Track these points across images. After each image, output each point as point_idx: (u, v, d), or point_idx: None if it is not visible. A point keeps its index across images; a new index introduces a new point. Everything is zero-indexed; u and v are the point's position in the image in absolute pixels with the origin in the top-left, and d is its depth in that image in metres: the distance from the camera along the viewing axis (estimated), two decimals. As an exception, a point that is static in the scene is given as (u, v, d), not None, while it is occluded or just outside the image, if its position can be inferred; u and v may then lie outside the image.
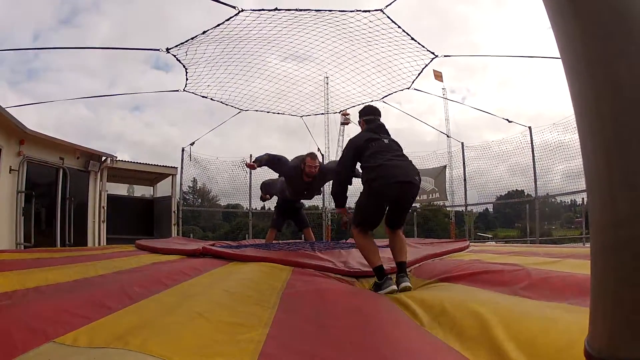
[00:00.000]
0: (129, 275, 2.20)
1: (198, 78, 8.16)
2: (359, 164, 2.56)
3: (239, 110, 9.69)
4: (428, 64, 7.98)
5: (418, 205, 12.48)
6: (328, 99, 10.53)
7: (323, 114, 11.78)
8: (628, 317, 0.54)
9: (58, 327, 1.11)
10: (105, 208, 7.69)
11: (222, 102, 9.15)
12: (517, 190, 11.62)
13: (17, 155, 5.84)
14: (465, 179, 10.80)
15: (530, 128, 9.53)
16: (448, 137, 13.53)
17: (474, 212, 13.97)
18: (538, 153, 9.48)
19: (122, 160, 8.20)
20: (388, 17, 6.69)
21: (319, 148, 11.12)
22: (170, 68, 59.81)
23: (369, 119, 2.72)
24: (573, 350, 0.93)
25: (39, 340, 1.02)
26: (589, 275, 0.62)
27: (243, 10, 6.31)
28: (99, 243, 7.39)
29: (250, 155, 8.76)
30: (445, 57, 7.84)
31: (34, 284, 1.86)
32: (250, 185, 10.79)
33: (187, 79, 8.15)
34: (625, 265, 0.54)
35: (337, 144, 22.69)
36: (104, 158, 7.65)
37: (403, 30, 7.00)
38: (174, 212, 8.95)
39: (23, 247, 5.65)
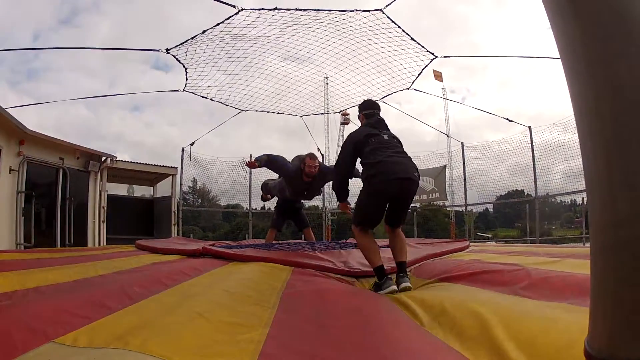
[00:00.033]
0: (129, 276, 2.20)
1: (198, 78, 8.17)
2: (359, 160, 2.56)
3: (239, 111, 9.70)
4: (428, 65, 8.00)
5: (418, 205, 12.48)
6: (328, 99, 10.54)
7: (323, 114, 11.80)
8: (628, 317, 0.54)
9: (58, 327, 1.11)
10: (105, 208, 7.69)
11: (221, 102, 9.17)
12: (517, 190, 11.63)
13: (17, 156, 5.84)
14: (465, 179, 10.82)
15: (530, 128, 9.56)
16: (448, 137, 13.55)
17: (474, 212, 13.96)
18: (538, 153, 9.49)
19: (122, 161, 8.19)
20: (388, 17, 6.70)
21: (319, 148, 11.15)
22: (170, 68, 59.89)
23: (369, 113, 2.72)
24: (573, 350, 0.93)
25: (39, 341, 1.02)
26: (589, 275, 0.62)
27: (243, 10, 6.31)
28: (99, 243, 7.38)
29: (250, 156, 8.71)
30: (445, 57, 7.85)
31: (34, 284, 1.86)
32: (250, 186, 10.79)
33: (187, 79, 8.16)
34: (625, 265, 0.54)
35: (337, 144, 22.69)
36: (104, 158, 7.65)
37: (403, 31, 7.01)
38: (174, 212, 8.95)
39: (23, 247, 5.65)
